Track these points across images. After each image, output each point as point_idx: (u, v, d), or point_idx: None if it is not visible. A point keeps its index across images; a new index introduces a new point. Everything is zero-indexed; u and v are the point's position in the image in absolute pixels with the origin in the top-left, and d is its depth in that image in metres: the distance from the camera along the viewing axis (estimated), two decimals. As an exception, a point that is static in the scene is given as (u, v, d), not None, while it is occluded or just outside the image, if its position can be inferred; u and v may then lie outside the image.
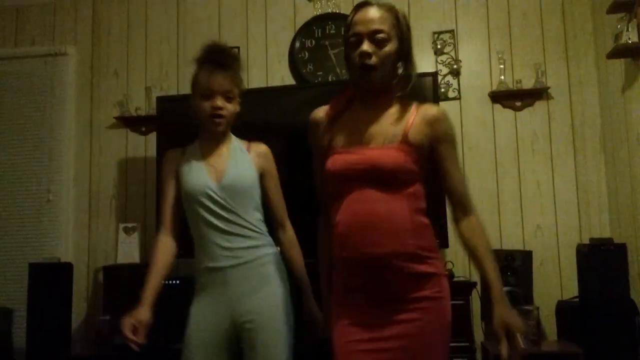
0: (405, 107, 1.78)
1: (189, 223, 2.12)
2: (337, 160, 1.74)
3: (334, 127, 1.81)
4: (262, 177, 2.14)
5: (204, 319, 2.02)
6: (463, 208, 1.77)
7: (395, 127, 1.74)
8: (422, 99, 1.89)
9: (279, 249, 2.17)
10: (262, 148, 2.19)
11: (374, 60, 1.69)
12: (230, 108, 2.08)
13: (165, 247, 2.09)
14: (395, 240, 1.65)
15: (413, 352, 1.63)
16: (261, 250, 2.06)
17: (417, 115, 1.75)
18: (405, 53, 1.77)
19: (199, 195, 2.03)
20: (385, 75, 1.74)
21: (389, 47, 1.71)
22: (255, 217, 2.09)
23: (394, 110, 1.78)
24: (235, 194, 2.04)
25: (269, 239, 2.12)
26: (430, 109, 1.79)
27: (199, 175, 2.06)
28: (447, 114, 1.80)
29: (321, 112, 1.88)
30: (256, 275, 2.02)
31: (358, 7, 1.76)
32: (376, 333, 1.66)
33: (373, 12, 1.72)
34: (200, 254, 2.07)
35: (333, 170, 1.74)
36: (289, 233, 2.20)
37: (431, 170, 1.79)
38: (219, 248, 2.01)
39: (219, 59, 2.08)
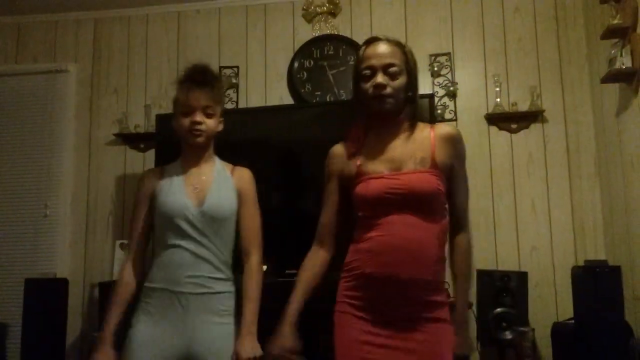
0: (419, 128, 1.87)
1: (155, 241, 2.05)
2: (372, 185, 1.79)
3: (359, 156, 1.87)
4: (238, 199, 2.08)
5: (154, 340, 1.93)
6: (460, 225, 1.88)
7: (421, 150, 1.81)
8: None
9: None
10: (244, 172, 2.13)
11: (388, 90, 1.79)
12: (210, 124, 2.04)
13: (131, 278, 2.05)
14: (422, 268, 1.73)
15: None
16: (226, 284, 2.01)
17: (436, 136, 1.83)
18: (412, 85, 1.86)
19: (176, 217, 1.97)
20: (398, 104, 1.83)
21: (400, 80, 1.81)
22: (227, 247, 2.04)
23: (410, 134, 1.86)
24: (213, 221, 1.99)
25: (231, 275, 2.06)
26: (446, 128, 1.88)
27: (179, 196, 2.01)
28: (460, 132, 1.89)
29: (340, 146, 1.94)
30: (216, 308, 1.96)
31: (369, 42, 1.87)
32: (391, 345, 1.71)
33: (384, 47, 1.83)
34: (160, 274, 1.99)
35: (368, 194, 1.79)
36: (251, 263, 2.06)
37: None
38: (186, 273, 1.95)
39: (198, 77, 2.05)
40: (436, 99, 3.63)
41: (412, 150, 1.82)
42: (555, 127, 3.58)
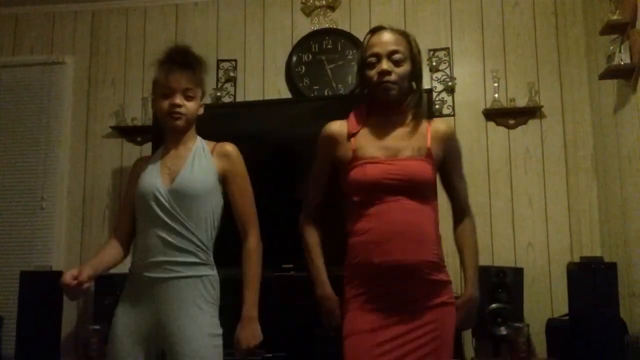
0: (419, 121, 1.92)
1: (137, 229, 2.01)
2: (370, 170, 1.82)
3: (356, 140, 1.89)
4: (224, 180, 2.01)
5: (129, 324, 1.91)
6: (463, 212, 2.00)
7: (417, 140, 1.87)
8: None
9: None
10: (226, 148, 2.04)
11: (392, 77, 1.83)
12: (190, 107, 1.98)
13: (112, 248, 2.00)
14: (425, 249, 1.79)
15: (434, 349, 1.77)
16: (198, 269, 1.93)
17: (432, 131, 1.90)
18: (417, 74, 1.91)
19: (147, 197, 1.92)
20: (402, 92, 1.87)
21: (405, 67, 1.86)
22: (203, 230, 1.95)
23: (410, 125, 1.91)
24: (184, 200, 1.91)
25: (211, 258, 1.99)
26: (441, 125, 1.96)
27: (151, 177, 1.96)
28: (454, 129, 2.00)
29: (337, 126, 1.96)
30: (187, 294, 1.89)
31: (374, 31, 1.92)
32: (399, 332, 1.77)
33: (389, 35, 1.88)
34: (135, 259, 1.97)
35: (365, 179, 1.82)
36: (249, 244, 2.00)
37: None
38: (155, 258, 1.90)
39: (179, 58, 1.99)
40: (434, 94, 3.62)
41: (410, 139, 1.86)
42: (553, 123, 3.57)
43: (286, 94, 3.84)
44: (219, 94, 3.83)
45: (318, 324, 1.98)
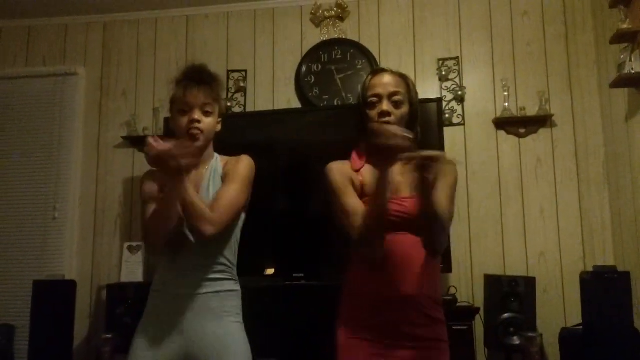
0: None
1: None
2: None
3: (362, 175, 1.92)
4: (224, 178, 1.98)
5: (153, 344, 1.88)
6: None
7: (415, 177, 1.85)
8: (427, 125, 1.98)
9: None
10: (237, 157, 2.04)
11: (392, 118, 1.87)
12: (209, 123, 1.98)
13: None
14: (426, 285, 1.80)
15: None
16: (224, 284, 1.95)
17: None
18: (414, 116, 1.95)
19: None
20: None
21: (404, 109, 1.91)
22: (226, 247, 1.97)
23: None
24: None
25: (235, 274, 2.01)
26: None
27: None
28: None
29: (341, 163, 1.96)
30: (213, 309, 1.90)
31: (375, 73, 1.98)
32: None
33: (389, 77, 1.94)
34: (159, 277, 1.97)
35: None
36: None
37: None
38: (179, 274, 1.90)
39: (196, 75, 2.02)
40: (444, 104, 3.62)
41: (408, 177, 1.87)
42: (563, 132, 3.56)
43: (296, 103, 3.85)
44: (229, 104, 3.85)
45: (326, 345, 1.94)
